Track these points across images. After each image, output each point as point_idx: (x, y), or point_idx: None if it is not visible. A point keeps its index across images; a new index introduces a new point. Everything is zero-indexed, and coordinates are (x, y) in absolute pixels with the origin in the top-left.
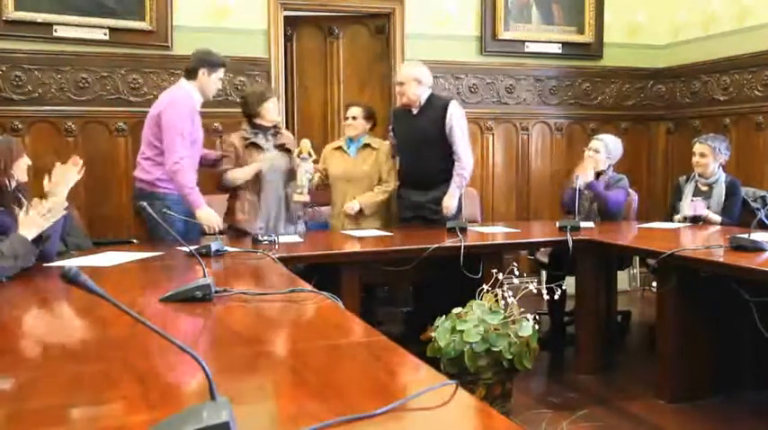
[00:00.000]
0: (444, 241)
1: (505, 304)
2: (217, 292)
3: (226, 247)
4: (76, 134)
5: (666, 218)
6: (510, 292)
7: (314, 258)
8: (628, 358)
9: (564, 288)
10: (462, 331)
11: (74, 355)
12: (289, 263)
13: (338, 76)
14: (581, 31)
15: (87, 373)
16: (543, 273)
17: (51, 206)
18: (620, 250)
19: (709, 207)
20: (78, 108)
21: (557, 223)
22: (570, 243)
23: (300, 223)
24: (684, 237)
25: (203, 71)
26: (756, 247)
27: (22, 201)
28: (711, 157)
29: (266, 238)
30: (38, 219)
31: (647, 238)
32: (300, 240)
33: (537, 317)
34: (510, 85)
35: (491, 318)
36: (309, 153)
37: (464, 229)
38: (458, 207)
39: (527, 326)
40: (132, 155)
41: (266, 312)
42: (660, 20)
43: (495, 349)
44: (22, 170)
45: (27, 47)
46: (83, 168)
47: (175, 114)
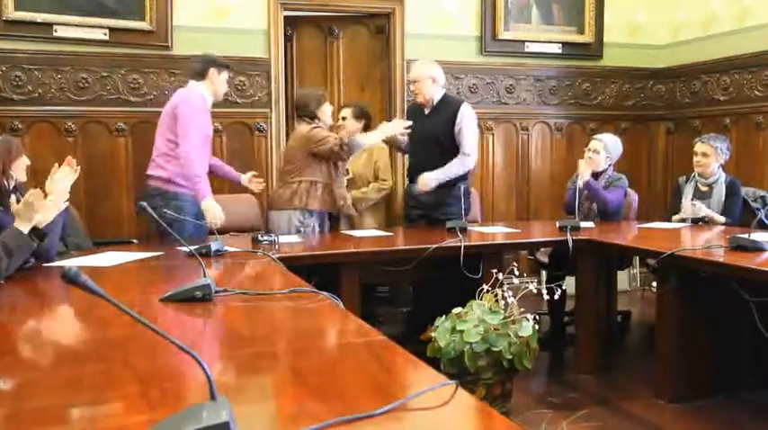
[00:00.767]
0: (444, 241)
1: (505, 304)
2: (217, 292)
3: (226, 247)
4: (76, 134)
5: (666, 218)
6: (510, 292)
7: (314, 258)
8: (628, 358)
9: (564, 288)
10: (462, 331)
11: (74, 355)
12: (288, 263)
13: (338, 76)
14: (581, 31)
15: (87, 373)
16: (543, 273)
17: (47, 205)
18: (620, 250)
19: (710, 207)
20: (78, 108)
21: (557, 223)
22: (570, 243)
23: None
24: (684, 237)
25: (213, 70)
26: (756, 247)
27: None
28: (713, 157)
29: (266, 239)
30: (31, 210)
31: (647, 238)
32: (300, 240)
33: (537, 317)
34: (510, 85)
35: (491, 317)
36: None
37: (464, 229)
38: (464, 208)
39: (527, 326)
40: (132, 155)
41: (266, 312)
42: (660, 20)
43: (495, 349)
44: (21, 170)
45: (27, 47)
46: (78, 168)
47: (191, 107)
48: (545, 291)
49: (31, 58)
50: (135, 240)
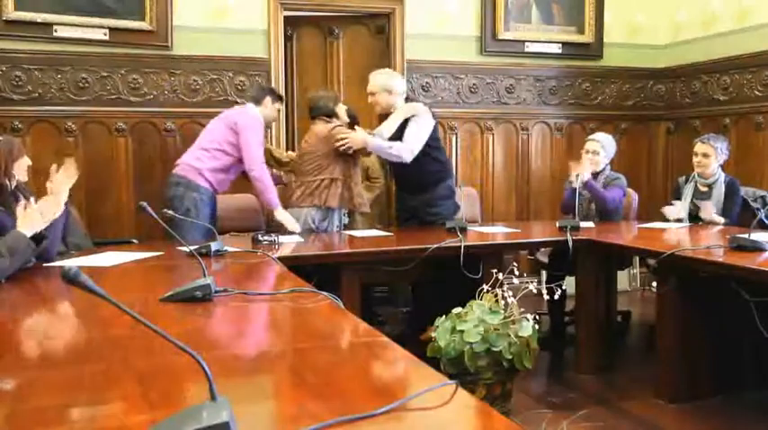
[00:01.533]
0: (444, 241)
1: (505, 304)
2: (217, 292)
3: (226, 247)
4: (76, 134)
5: (665, 218)
6: (510, 292)
7: (314, 258)
8: (628, 358)
9: (564, 288)
10: (462, 331)
11: (74, 355)
12: (288, 263)
13: (338, 76)
14: (581, 31)
15: (87, 373)
16: (543, 273)
17: (48, 205)
18: (620, 250)
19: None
20: (78, 108)
21: (557, 223)
22: (570, 243)
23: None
24: (684, 237)
25: (269, 99)
26: (756, 247)
27: (22, 201)
28: (713, 157)
29: (266, 239)
30: (36, 215)
31: (647, 238)
32: (301, 240)
33: (537, 317)
34: (510, 85)
35: (491, 317)
36: None
37: (464, 229)
38: (454, 207)
39: (527, 327)
40: (132, 155)
41: (266, 312)
42: (660, 20)
43: (495, 349)
44: (22, 170)
45: (27, 47)
46: (77, 170)
47: (256, 126)
48: (545, 291)
49: (31, 58)
50: (135, 240)
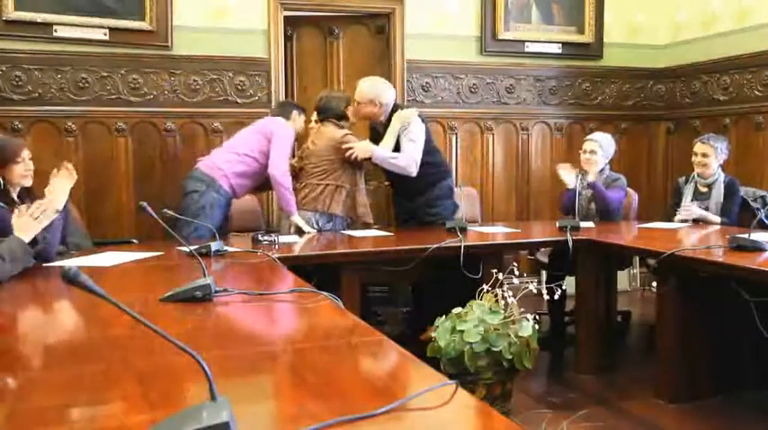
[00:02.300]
0: (444, 241)
1: (505, 304)
2: (217, 292)
3: (226, 247)
4: (76, 134)
5: (666, 218)
6: (510, 292)
7: (314, 258)
8: (628, 358)
9: (564, 288)
10: (462, 331)
11: (74, 355)
12: (289, 263)
13: (338, 76)
14: (581, 31)
15: (87, 373)
16: (543, 273)
17: (44, 208)
18: (620, 250)
19: (708, 208)
20: (78, 108)
21: (557, 223)
22: (570, 243)
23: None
24: (684, 237)
25: (296, 112)
26: (756, 247)
27: (18, 207)
28: (713, 157)
29: (266, 239)
30: (31, 222)
31: (647, 238)
32: (300, 240)
33: (537, 317)
34: (510, 85)
35: (491, 317)
36: None
37: (464, 229)
38: (453, 207)
39: (527, 327)
40: (132, 155)
41: (266, 312)
42: (660, 20)
43: (495, 349)
44: (18, 175)
45: (27, 47)
46: (75, 173)
47: (288, 137)
48: (545, 291)
49: (31, 58)
50: (135, 240)
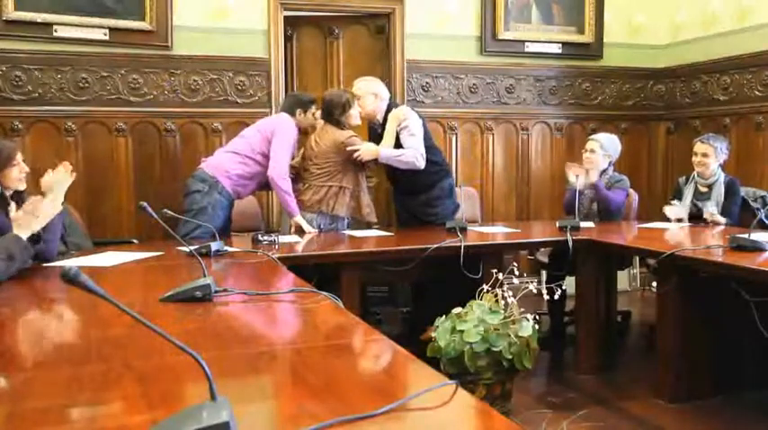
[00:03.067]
0: (444, 241)
1: (505, 304)
2: (217, 292)
3: (226, 247)
4: (76, 134)
5: (666, 218)
6: (510, 292)
7: (314, 258)
8: (628, 358)
9: (564, 288)
10: (462, 331)
11: (74, 355)
12: (288, 263)
13: (338, 76)
14: (581, 31)
15: (87, 373)
16: (543, 273)
17: (44, 205)
18: (620, 250)
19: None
20: (78, 108)
21: (557, 223)
22: (570, 243)
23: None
24: (684, 237)
25: (299, 111)
26: (756, 247)
27: (13, 205)
28: (713, 157)
29: (266, 239)
30: (30, 217)
31: (647, 238)
32: (300, 240)
33: (537, 317)
34: (510, 85)
35: (491, 317)
36: None
37: (464, 229)
38: (453, 206)
39: (527, 327)
40: (132, 155)
41: (266, 312)
42: (660, 20)
43: (495, 349)
44: (13, 179)
45: (27, 47)
46: (73, 172)
47: (289, 134)
48: (545, 291)
49: (31, 58)
50: (135, 240)
